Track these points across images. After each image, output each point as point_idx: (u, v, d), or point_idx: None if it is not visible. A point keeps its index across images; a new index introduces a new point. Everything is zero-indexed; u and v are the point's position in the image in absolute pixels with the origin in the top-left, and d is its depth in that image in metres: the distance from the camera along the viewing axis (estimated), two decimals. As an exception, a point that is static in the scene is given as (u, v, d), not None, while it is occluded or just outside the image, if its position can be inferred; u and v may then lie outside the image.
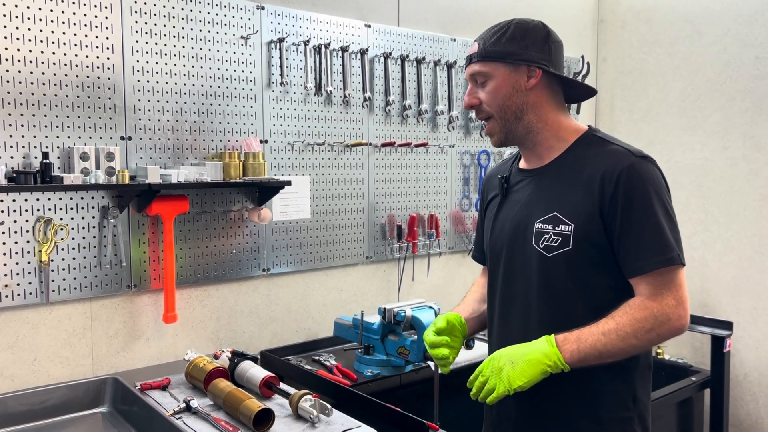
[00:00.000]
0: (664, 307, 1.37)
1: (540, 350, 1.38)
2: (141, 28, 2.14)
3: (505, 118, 1.52)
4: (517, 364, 1.38)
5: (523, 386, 1.36)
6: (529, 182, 1.57)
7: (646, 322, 1.37)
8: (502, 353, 1.42)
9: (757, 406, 3.19)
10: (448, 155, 3.07)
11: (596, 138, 1.52)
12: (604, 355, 1.38)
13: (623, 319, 1.37)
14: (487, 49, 1.51)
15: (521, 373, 1.37)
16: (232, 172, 2.24)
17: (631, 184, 1.40)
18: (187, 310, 2.31)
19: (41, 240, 1.97)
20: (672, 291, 1.38)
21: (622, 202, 1.39)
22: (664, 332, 1.38)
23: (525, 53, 1.49)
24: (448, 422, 1.90)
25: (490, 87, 1.51)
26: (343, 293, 2.75)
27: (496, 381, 1.39)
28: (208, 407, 1.85)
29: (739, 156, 3.18)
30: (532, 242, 1.50)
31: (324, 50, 2.56)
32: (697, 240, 3.34)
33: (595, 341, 1.37)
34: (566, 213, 1.45)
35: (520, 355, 1.39)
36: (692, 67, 3.34)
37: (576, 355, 1.37)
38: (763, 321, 3.13)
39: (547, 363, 1.37)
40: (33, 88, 1.95)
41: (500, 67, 1.50)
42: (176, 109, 2.23)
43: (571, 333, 1.39)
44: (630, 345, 1.37)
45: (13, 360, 1.97)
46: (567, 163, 1.51)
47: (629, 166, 1.41)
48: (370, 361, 2.26)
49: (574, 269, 1.45)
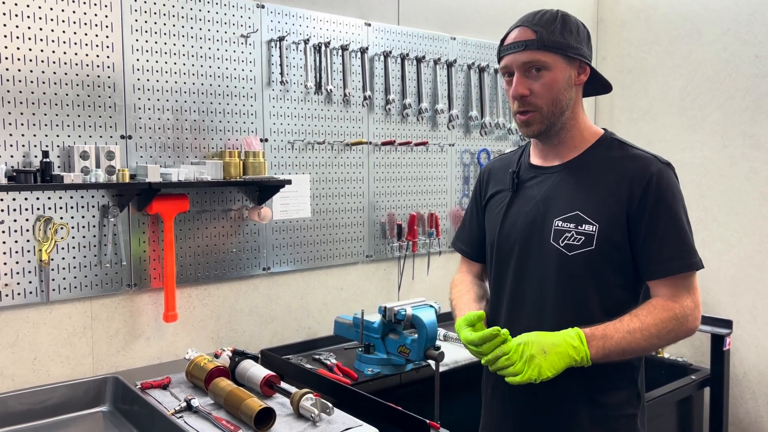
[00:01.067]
0: (685, 309, 1.41)
1: (570, 344, 1.36)
2: (141, 26, 2.13)
3: (552, 112, 1.47)
4: (549, 354, 1.35)
5: (550, 377, 1.36)
6: (545, 179, 1.56)
7: (669, 323, 1.40)
8: (532, 339, 1.38)
9: (757, 404, 3.19)
10: (448, 154, 3.07)
11: (617, 141, 1.54)
12: (626, 353, 1.40)
13: (648, 318, 1.39)
14: (548, 38, 1.44)
15: (552, 364, 1.35)
16: (232, 171, 2.23)
17: (659, 189, 1.42)
18: (187, 309, 2.31)
19: (41, 239, 1.97)
20: (691, 294, 1.43)
21: (650, 206, 1.42)
22: (681, 333, 1.42)
23: (580, 48, 1.47)
24: (449, 421, 1.91)
25: (547, 79, 1.45)
26: (344, 292, 2.75)
27: (524, 367, 1.35)
28: (209, 406, 1.85)
29: (738, 155, 3.18)
30: (551, 240, 1.49)
31: (324, 49, 2.55)
32: (696, 239, 3.26)
33: (620, 339, 1.38)
34: (590, 213, 1.46)
35: (551, 346, 1.36)
36: (692, 65, 3.35)
37: (601, 352, 1.37)
38: (762, 319, 3.13)
39: (575, 357, 1.36)
40: (33, 87, 1.94)
41: (560, 59, 1.45)
42: (176, 107, 2.22)
43: (596, 329, 1.39)
44: (652, 344, 1.40)
45: (13, 359, 1.97)
46: (589, 164, 1.51)
47: (657, 172, 1.43)
48: (371, 359, 2.26)
49: (594, 269, 1.46)
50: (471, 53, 3.09)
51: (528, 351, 1.36)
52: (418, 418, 1.78)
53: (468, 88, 3.10)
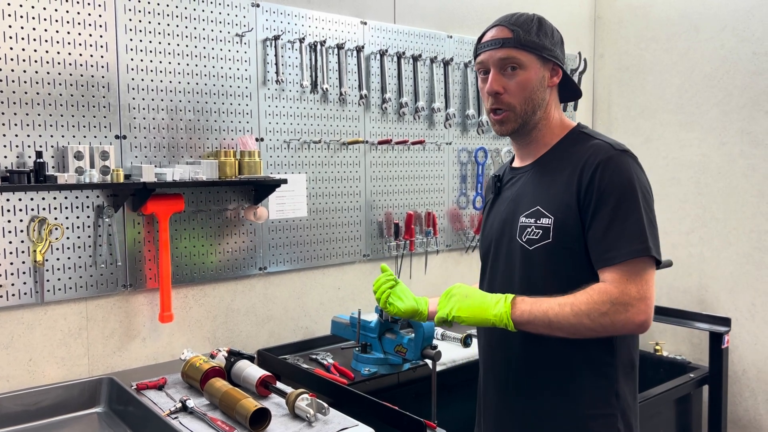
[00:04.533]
0: (624, 295, 1.34)
1: (494, 301, 1.43)
2: (135, 26, 2.12)
3: (525, 110, 1.51)
4: (468, 299, 1.45)
5: (462, 319, 1.44)
6: (518, 179, 1.60)
7: (603, 305, 1.34)
8: (463, 286, 1.50)
9: (756, 402, 3.18)
10: (445, 152, 3.06)
11: (582, 134, 1.54)
12: (553, 325, 1.38)
13: (582, 297, 1.37)
14: (525, 38, 1.48)
15: (467, 308, 1.44)
16: (227, 171, 2.23)
17: (607, 175, 1.40)
18: (183, 309, 2.30)
19: (36, 240, 1.96)
20: (636, 283, 1.35)
21: (597, 192, 1.40)
22: (619, 321, 1.34)
23: (554, 50, 1.52)
24: (446, 420, 1.90)
25: (521, 78, 1.49)
26: (341, 291, 2.74)
27: (444, 303, 1.48)
28: (205, 407, 1.85)
29: (736, 152, 3.17)
30: (516, 236, 1.52)
31: (320, 47, 2.54)
32: (695, 236, 3.33)
33: (547, 308, 1.38)
34: (547, 206, 1.47)
35: (475, 296, 1.46)
36: (689, 63, 3.34)
37: (525, 316, 1.40)
38: (761, 317, 3.13)
39: (494, 313, 1.41)
40: (26, 87, 1.94)
41: (535, 59, 1.49)
42: (171, 107, 2.22)
43: (530, 297, 1.42)
44: (581, 323, 1.36)
45: (8, 360, 1.96)
46: (553, 159, 1.54)
47: (607, 158, 1.42)
48: (368, 359, 2.25)
49: (554, 262, 1.46)
50: (467, 51, 3.08)
51: (452, 290, 1.49)
52: (415, 418, 1.77)
53: (465, 87, 3.09)
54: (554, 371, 1.48)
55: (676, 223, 3.37)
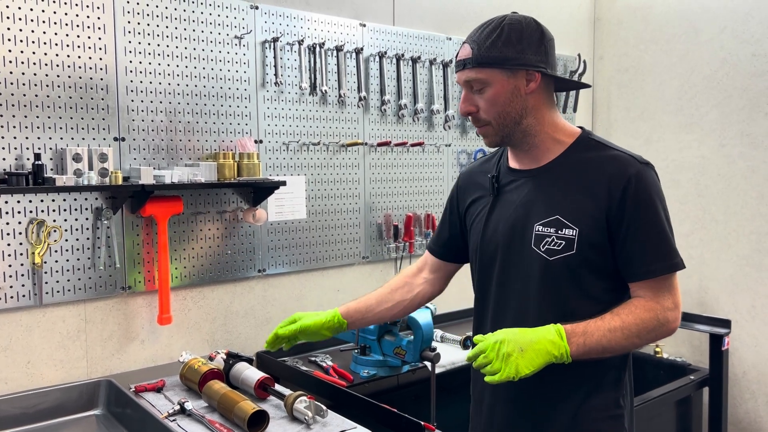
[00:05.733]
0: (666, 310, 1.42)
1: (549, 340, 1.36)
2: (134, 28, 2.12)
3: (503, 124, 1.48)
4: (526, 352, 1.34)
5: (528, 375, 1.34)
6: (524, 183, 1.54)
7: (650, 323, 1.40)
8: (509, 338, 1.36)
9: (756, 404, 3.18)
10: (445, 154, 3.06)
11: (594, 141, 1.52)
12: (606, 351, 1.39)
13: (629, 318, 1.39)
14: (482, 55, 1.43)
15: (530, 362, 1.34)
16: (226, 173, 2.22)
17: (638, 191, 1.41)
18: (182, 311, 2.30)
19: (34, 242, 1.96)
20: (672, 294, 1.43)
21: (630, 209, 1.41)
22: (661, 334, 1.43)
23: (523, 57, 1.44)
24: (445, 423, 1.90)
25: (489, 94, 1.45)
26: (340, 294, 2.74)
27: (501, 365, 1.35)
28: (203, 409, 1.84)
29: (736, 153, 3.17)
30: (531, 245, 1.48)
31: (318, 50, 2.55)
32: (694, 238, 3.33)
33: (600, 337, 1.37)
34: (570, 217, 1.44)
35: (529, 343, 1.35)
36: (689, 64, 3.34)
37: (581, 349, 1.37)
38: (761, 319, 3.12)
39: (555, 354, 1.35)
40: (25, 89, 1.94)
41: (498, 73, 1.44)
42: (170, 109, 2.21)
43: (577, 326, 1.39)
44: (632, 344, 1.41)
45: (6, 363, 1.96)
46: (567, 166, 1.50)
47: (636, 174, 1.42)
48: (367, 361, 2.24)
49: (575, 273, 1.45)
50: (467, 53, 3.08)
51: (504, 349, 1.35)
52: (413, 420, 1.77)
53: (464, 89, 3.09)
54: (566, 371, 1.43)
55: (676, 224, 3.30)
